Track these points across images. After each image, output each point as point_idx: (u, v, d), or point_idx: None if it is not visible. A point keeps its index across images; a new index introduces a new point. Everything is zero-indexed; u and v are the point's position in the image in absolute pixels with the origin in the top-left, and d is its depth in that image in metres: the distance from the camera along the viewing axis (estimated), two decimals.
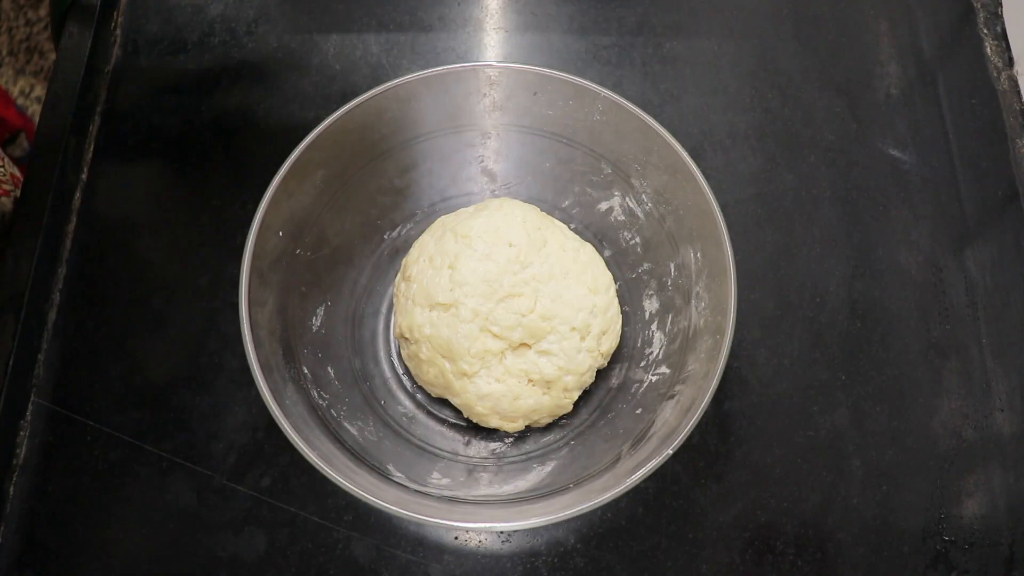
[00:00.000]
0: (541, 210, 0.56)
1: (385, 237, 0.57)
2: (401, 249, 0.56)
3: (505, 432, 0.52)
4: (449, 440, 0.52)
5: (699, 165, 0.48)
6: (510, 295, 0.50)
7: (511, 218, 0.52)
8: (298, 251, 0.50)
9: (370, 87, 0.50)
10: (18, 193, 0.66)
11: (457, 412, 0.53)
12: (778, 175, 0.63)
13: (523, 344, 0.51)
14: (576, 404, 0.53)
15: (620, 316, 0.54)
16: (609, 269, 0.55)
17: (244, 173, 0.61)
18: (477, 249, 0.51)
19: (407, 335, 0.51)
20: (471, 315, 0.49)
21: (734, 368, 0.56)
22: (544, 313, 0.50)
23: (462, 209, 0.56)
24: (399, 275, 0.54)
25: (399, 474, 0.46)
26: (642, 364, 0.53)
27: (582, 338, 0.51)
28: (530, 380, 0.51)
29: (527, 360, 0.51)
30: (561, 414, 0.52)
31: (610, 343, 0.52)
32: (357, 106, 0.49)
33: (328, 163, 0.50)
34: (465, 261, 0.52)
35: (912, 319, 0.58)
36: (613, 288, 0.54)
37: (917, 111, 0.64)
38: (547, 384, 0.51)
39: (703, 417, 0.42)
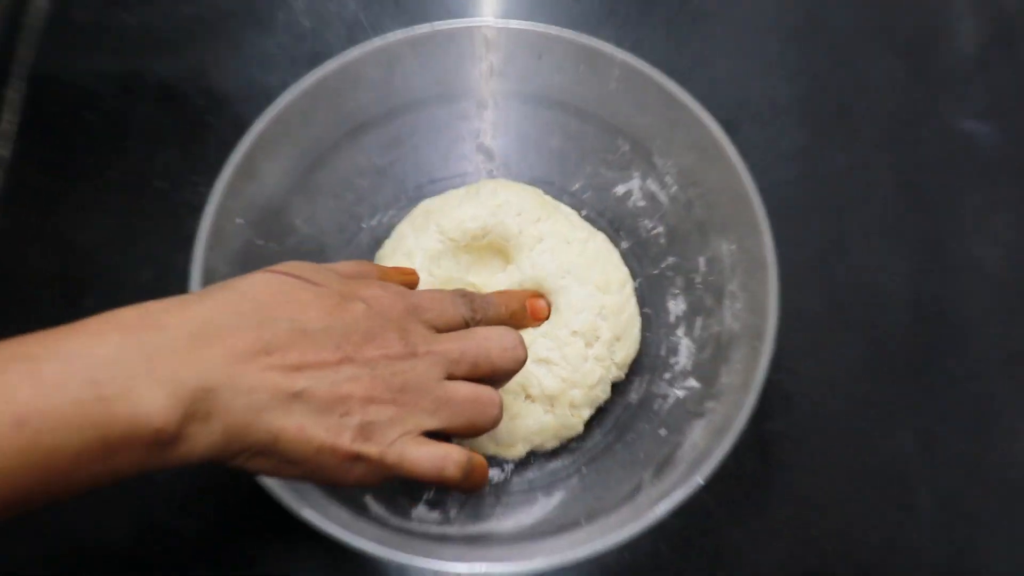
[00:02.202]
0: (545, 194, 0.57)
1: (363, 225, 0.57)
2: (382, 239, 0.57)
3: (503, 458, 0.53)
4: None
5: (733, 141, 0.49)
6: None
7: (507, 208, 0.54)
8: (261, 242, 0.50)
9: (346, 48, 0.50)
10: None
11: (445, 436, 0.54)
12: (828, 153, 0.63)
13: None
14: (588, 424, 0.53)
15: (638, 319, 0.54)
16: (626, 264, 0.56)
17: (196, 149, 0.62)
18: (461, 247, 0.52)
19: None
20: None
21: (776, 381, 0.56)
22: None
23: (451, 192, 0.57)
24: None
25: (378, 508, 0.47)
26: (666, 376, 0.53)
27: (587, 344, 0.52)
28: (529, 395, 0.52)
29: (523, 370, 0.50)
30: (570, 436, 0.53)
31: (626, 351, 0.53)
32: (331, 71, 0.50)
33: (296, 138, 0.51)
34: (447, 261, 0.53)
35: (991, 324, 0.58)
36: (630, 286, 0.55)
37: (997, 75, 0.64)
38: (550, 400, 0.51)
39: (739, 439, 0.43)
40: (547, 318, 0.53)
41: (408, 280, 0.49)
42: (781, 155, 0.63)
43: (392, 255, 0.55)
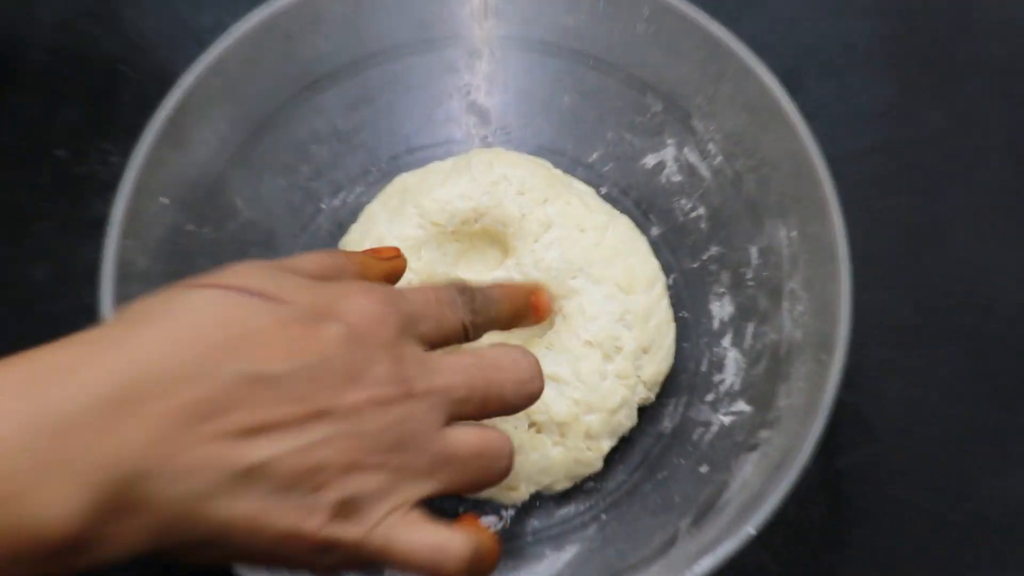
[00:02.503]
0: (554, 167, 0.58)
1: (322, 206, 0.58)
2: (347, 224, 0.58)
3: (501, 503, 0.54)
4: None
5: (796, 99, 0.49)
6: None
7: (505, 185, 0.55)
8: (192, 227, 0.51)
9: None
10: None
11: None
12: (919, 113, 0.64)
13: None
14: (608, 459, 0.54)
15: (673, 326, 0.56)
16: (657, 256, 0.57)
17: (106, 110, 0.62)
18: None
19: None
20: None
21: (850, 405, 0.57)
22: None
23: (434, 165, 0.58)
24: None
25: None
26: (709, 398, 0.55)
27: (606, 358, 0.53)
28: (534, 423, 0.53)
29: None
30: (586, 475, 0.54)
31: (656, 366, 0.54)
32: (281, 8, 0.51)
33: (237, 96, 0.52)
34: (429, 252, 0.55)
35: None
36: (661, 284, 0.56)
37: None
38: (560, 429, 0.53)
39: (802, 479, 0.43)
40: (547, 315, 0.54)
41: (393, 268, 0.47)
42: (858, 116, 0.63)
43: (360, 244, 0.55)
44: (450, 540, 0.35)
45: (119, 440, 0.30)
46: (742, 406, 0.52)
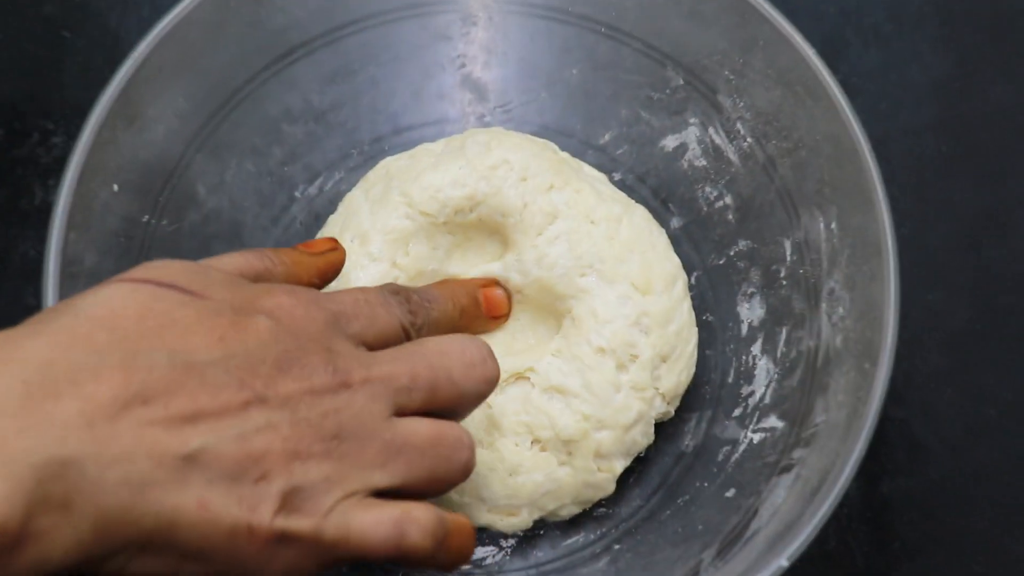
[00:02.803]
0: (561, 150, 0.59)
1: (297, 195, 0.59)
2: (324, 215, 0.59)
3: (500, 532, 0.55)
4: None
5: (837, 70, 0.50)
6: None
7: (505, 170, 0.55)
8: (148, 219, 0.52)
9: None
10: None
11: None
12: (979, 87, 0.64)
13: (518, 376, 0.54)
14: (621, 482, 0.55)
15: (695, 331, 0.56)
16: (678, 251, 0.57)
17: (47, 80, 0.63)
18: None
19: None
20: None
21: (898, 421, 0.58)
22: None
23: (424, 147, 0.58)
24: None
25: None
26: (736, 413, 0.55)
27: (620, 367, 0.53)
28: (537, 440, 0.53)
29: (528, 403, 0.53)
30: (596, 499, 0.54)
31: (677, 377, 0.55)
32: None
33: (198, 68, 0.52)
34: (419, 246, 0.55)
35: None
36: (682, 283, 0.56)
37: None
38: (566, 447, 0.53)
39: (843, 506, 0.44)
40: (508, 315, 0.55)
41: (328, 264, 0.47)
42: (908, 90, 0.64)
43: (340, 237, 0.56)
44: (410, 510, 0.37)
45: (42, 427, 0.31)
46: (774, 422, 0.53)
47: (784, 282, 0.55)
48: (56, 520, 0.31)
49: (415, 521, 0.37)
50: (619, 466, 0.54)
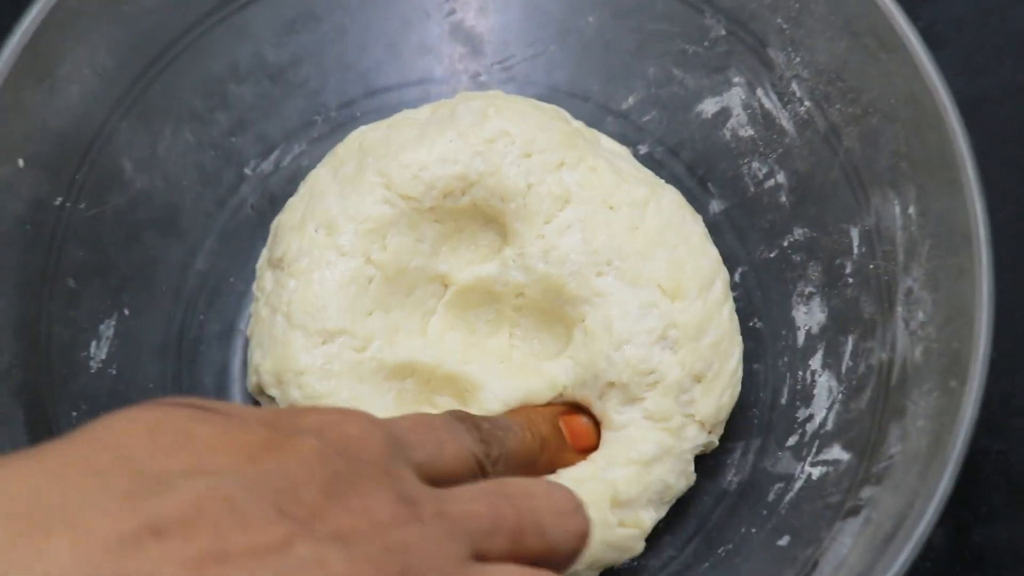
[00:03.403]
0: (574, 118, 0.57)
1: (248, 172, 0.58)
2: (281, 198, 0.58)
3: None
4: None
5: (917, 16, 0.49)
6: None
7: (505, 144, 0.54)
8: (61, 202, 0.51)
9: None
10: None
11: None
12: None
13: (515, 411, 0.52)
14: (655, 532, 0.53)
15: (739, 342, 0.55)
16: (717, 243, 0.56)
17: None
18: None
19: (277, 392, 0.53)
20: None
21: (994, 454, 0.57)
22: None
23: (405, 115, 0.57)
24: (263, 257, 0.55)
25: None
26: (791, 442, 0.54)
27: (633, 399, 0.52)
28: None
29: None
30: (620, 562, 0.53)
31: (717, 399, 0.53)
32: None
33: (124, 13, 0.51)
34: (400, 236, 0.54)
35: None
36: (723, 283, 0.55)
37: None
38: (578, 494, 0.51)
39: (925, 557, 0.43)
40: (596, 447, 0.53)
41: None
42: (1005, 43, 0.63)
43: (301, 225, 0.55)
44: None
45: (34, 566, 0.29)
46: (838, 453, 0.51)
47: (850, 280, 0.54)
48: None
49: None
50: (648, 519, 0.53)
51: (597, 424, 0.54)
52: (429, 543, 0.35)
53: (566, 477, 0.52)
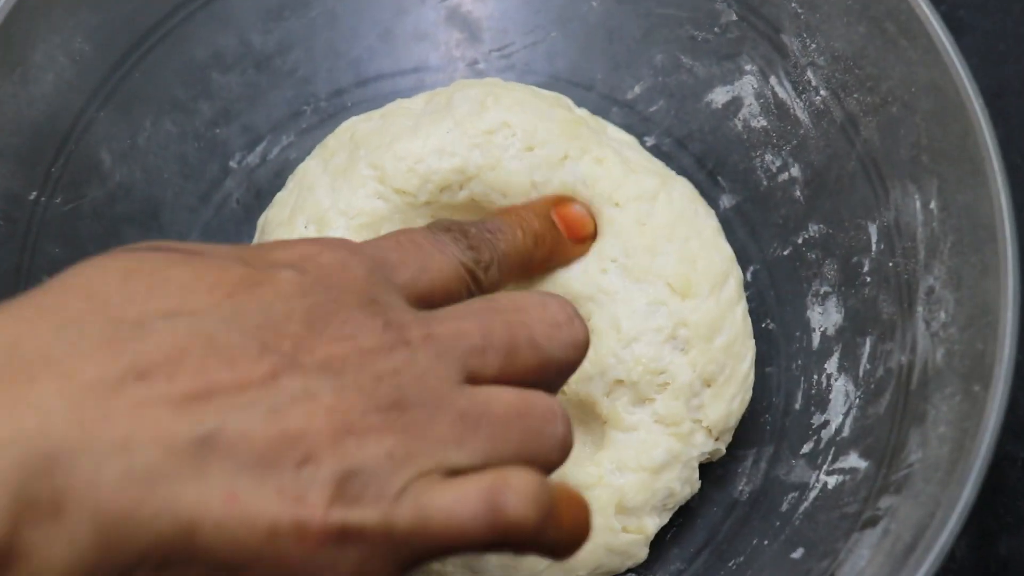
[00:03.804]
0: (577, 106, 0.56)
1: (233, 165, 0.58)
2: (268, 192, 0.57)
3: None
4: None
5: (939, 4, 0.48)
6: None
7: (504, 135, 0.53)
8: (36, 196, 0.51)
9: None
10: None
11: None
12: None
13: None
14: (657, 538, 0.53)
15: (751, 344, 0.54)
16: (729, 238, 0.55)
17: None
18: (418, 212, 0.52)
19: None
20: None
21: (1020, 460, 0.56)
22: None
23: (398, 104, 0.57)
24: None
25: None
26: (805, 450, 0.53)
27: (644, 399, 0.52)
28: None
29: None
30: (623, 569, 0.53)
31: (727, 404, 0.53)
32: None
33: (100, 1, 0.51)
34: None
35: None
36: (736, 281, 0.54)
37: None
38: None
39: (947, 570, 0.44)
40: (595, 236, 0.53)
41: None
42: None
43: (290, 223, 0.54)
44: (505, 476, 0.35)
45: (14, 417, 0.30)
46: (855, 461, 0.51)
47: (868, 279, 0.53)
48: (47, 531, 0.30)
49: (513, 489, 0.34)
50: (652, 525, 0.52)
51: (592, 213, 0.54)
52: (419, 367, 0.35)
53: (571, 479, 0.51)
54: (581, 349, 0.40)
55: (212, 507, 0.32)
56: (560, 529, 0.36)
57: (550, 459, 0.37)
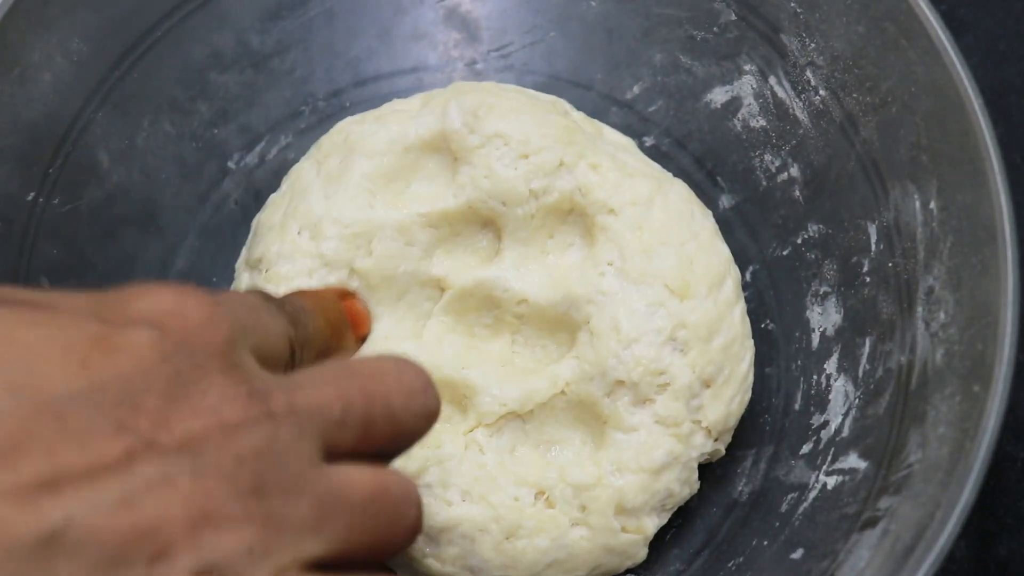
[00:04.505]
0: (575, 108, 0.57)
1: (231, 166, 0.58)
2: (265, 193, 0.57)
3: None
4: None
5: (938, 3, 0.49)
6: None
7: (502, 139, 0.53)
8: (34, 197, 0.51)
9: None
10: None
11: (387, 570, 0.54)
12: None
13: (515, 413, 0.52)
14: (656, 538, 0.53)
15: (750, 345, 0.55)
16: (728, 239, 0.56)
17: None
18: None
19: None
20: None
21: (1020, 461, 0.56)
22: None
23: (395, 105, 0.56)
24: (242, 256, 0.55)
25: None
26: (805, 450, 0.53)
27: (644, 400, 0.52)
28: (541, 492, 0.52)
29: (529, 447, 0.52)
30: (622, 569, 0.53)
31: (727, 405, 0.53)
32: None
33: (97, 1, 0.51)
34: (387, 245, 0.53)
35: None
36: (734, 282, 0.55)
37: None
38: (578, 497, 0.52)
39: (946, 571, 0.44)
40: (369, 332, 0.52)
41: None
42: None
43: (282, 226, 0.54)
44: None
45: None
46: (854, 462, 0.51)
47: (868, 279, 0.53)
48: None
49: None
50: (651, 525, 0.52)
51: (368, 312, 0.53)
52: (280, 445, 0.34)
53: (571, 479, 0.51)
54: (432, 419, 0.39)
55: None
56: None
57: (399, 545, 0.37)
